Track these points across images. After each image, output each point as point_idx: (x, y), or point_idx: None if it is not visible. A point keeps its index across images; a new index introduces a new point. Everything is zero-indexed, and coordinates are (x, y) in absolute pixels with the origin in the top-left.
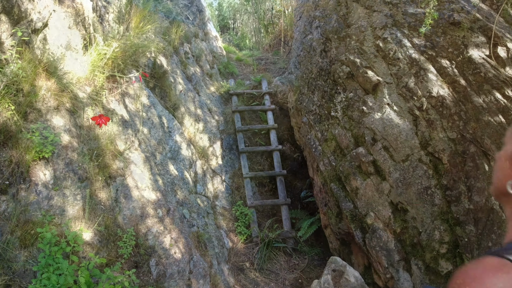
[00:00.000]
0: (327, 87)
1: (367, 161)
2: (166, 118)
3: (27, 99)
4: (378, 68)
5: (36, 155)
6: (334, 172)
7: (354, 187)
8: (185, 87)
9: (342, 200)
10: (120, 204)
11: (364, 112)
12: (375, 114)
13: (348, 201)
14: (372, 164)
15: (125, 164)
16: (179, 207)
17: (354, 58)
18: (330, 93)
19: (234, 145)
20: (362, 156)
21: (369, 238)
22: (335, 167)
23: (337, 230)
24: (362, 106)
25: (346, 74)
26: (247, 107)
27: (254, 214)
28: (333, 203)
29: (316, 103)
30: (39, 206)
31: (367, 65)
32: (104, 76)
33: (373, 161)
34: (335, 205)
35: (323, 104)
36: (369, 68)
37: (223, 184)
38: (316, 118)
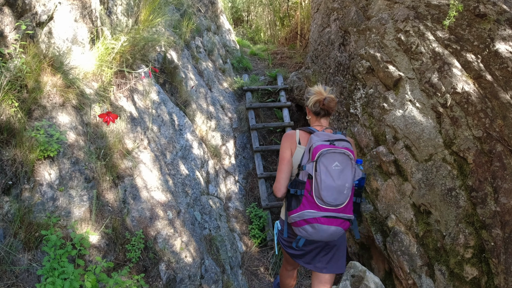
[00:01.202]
0: (346, 83)
1: (388, 161)
2: (176, 115)
3: (32, 96)
4: (399, 62)
5: (40, 154)
6: None
7: (374, 188)
8: (197, 82)
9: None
10: (129, 205)
11: (384, 109)
12: (396, 111)
13: (368, 203)
14: (393, 164)
15: (134, 163)
16: (190, 208)
17: (375, 52)
18: (349, 89)
19: (248, 144)
20: (382, 155)
21: (390, 242)
22: None
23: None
24: (382, 102)
25: (366, 69)
26: (262, 104)
27: (269, 216)
28: None
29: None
30: (43, 208)
31: (388, 60)
32: (112, 72)
33: (395, 161)
34: None
35: (341, 100)
36: (390, 62)
37: (236, 185)
38: (335, 115)
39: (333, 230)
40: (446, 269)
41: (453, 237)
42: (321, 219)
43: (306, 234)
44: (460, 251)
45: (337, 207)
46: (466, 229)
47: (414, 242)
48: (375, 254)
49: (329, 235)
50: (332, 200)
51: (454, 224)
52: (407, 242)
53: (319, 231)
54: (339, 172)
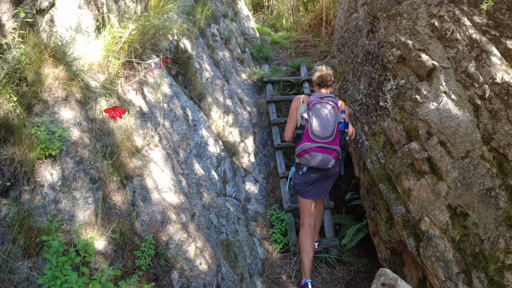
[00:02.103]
0: (375, 73)
1: (421, 158)
2: (190, 109)
3: (32, 89)
4: (433, 51)
5: (41, 153)
6: (383, 171)
7: (406, 188)
8: (213, 74)
9: (393, 203)
10: (138, 208)
11: (417, 101)
12: (430, 104)
13: (399, 204)
14: (426, 162)
15: (144, 162)
16: (205, 211)
17: (406, 39)
18: (378, 80)
19: (269, 140)
20: (415, 152)
21: (423, 247)
22: (385, 165)
23: (386, 237)
24: (415, 94)
25: (397, 58)
26: (284, 97)
27: (291, 220)
28: (382, 207)
29: (363, 91)
30: (45, 211)
31: (420, 48)
32: (119, 62)
33: (428, 158)
34: (384, 209)
35: (370, 92)
36: (423, 51)
37: (256, 185)
38: (363, 108)
39: (324, 156)
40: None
41: (492, 242)
42: (314, 149)
43: (306, 161)
44: (501, 256)
45: (326, 140)
46: (507, 233)
47: (450, 247)
48: (408, 261)
49: (321, 160)
50: (321, 134)
51: (494, 227)
52: (442, 247)
53: (314, 157)
54: (325, 115)
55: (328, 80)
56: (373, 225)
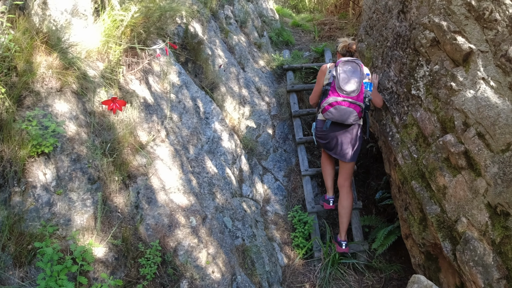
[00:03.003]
0: (406, 58)
1: (457, 152)
2: (202, 100)
3: (22, 80)
4: (470, 33)
5: (33, 150)
6: (415, 167)
7: (441, 185)
8: (226, 60)
9: (426, 202)
10: (142, 210)
11: (452, 89)
12: (466, 92)
13: (434, 204)
14: (463, 156)
15: (149, 160)
16: (219, 213)
17: (440, 20)
18: (410, 66)
19: (290, 134)
20: (450, 145)
21: (460, 250)
22: (417, 160)
23: (420, 240)
24: (450, 81)
25: (430, 41)
26: (306, 85)
27: (315, 222)
28: (415, 206)
29: (393, 78)
30: (37, 215)
31: (456, 29)
32: (121, 49)
33: (465, 152)
34: (417, 209)
35: (401, 79)
36: (459, 33)
37: (276, 184)
38: (393, 98)
39: (348, 110)
40: None
41: None
42: (340, 102)
43: (331, 115)
44: None
45: (351, 95)
46: None
47: (489, 251)
48: (444, 266)
49: (345, 113)
50: (347, 88)
51: None
52: (481, 251)
53: (339, 111)
54: (351, 71)
55: (353, 49)
56: (405, 227)
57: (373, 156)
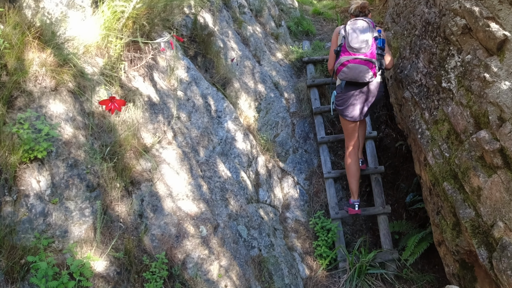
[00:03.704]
0: (436, 48)
1: (491, 150)
2: (213, 98)
3: (13, 79)
4: (504, 18)
5: (25, 156)
6: (447, 167)
7: (476, 186)
8: (240, 53)
9: (460, 205)
10: (147, 220)
11: (486, 81)
12: (501, 84)
13: (468, 207)
14: (499, 154)
15: (154, 164)
16: (232, 222)
17: (471, 5)
18: (440, 56)
19: (311, 133)
20: (485, 142)
21: (497, 258)
22: (449, 159)
23: (454, 247)
24: (483, 72)
25: (461, 28)
26: (328, 79)
27: (339, 229)
28: (447, 210)
29: (422, 70)
30: (31, 226)
31: (489, 15)
32: (122, 43)
33: (501, 150)
34: (450, 213)
35: (430, 71)
36: (492, 19)
37: (296, 188)
38: (422, 91)
39: (362, 67)
40: None
41: None
42: (352, 61)
43: (344, 75)
44: None
45: (362, 52)
46: None
47: None
48: (480, 275)
49: (360, 71)
50: (358, 46)
51: None
52: None
53: (352, 69)
54: (360, 29)
55: (366, 7)
56: (438, 233)
57: (402, 155)
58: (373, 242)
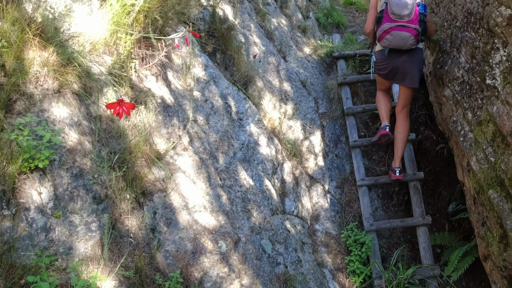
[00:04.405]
0: (479, 41)
1: None
2: (233, 98)
3: (11, 80)
4: None
5: (25, 165)
6: (493, 173)
7: None
8: (263, 49)
9: (507, 215)
10: (160, 235)
11: None
12: None
13: None
14: None
15: (168, 172)
16: (255, 235)
17: None
18: (483, 50)
19: (343, 136)
20: None
21: None
22: (495, 164)
23: (501, 263)
24: None
25: (507, 19)
26: (361, 76)
27: (375, 243)
28: (493, 221)
29: (464, 65)
30: (31, 242)
31: None
32: (132, 39)
33: None
34: (496, 224)
35: (473, 67)
36: None
37: (326, 197)
38: (464, 89)
39: (405, 35)
40: None
41: None
42: (394, 28)
43: (388, 42)
44: None
45: (405, 19)
46: None
47: None
48: None
49: (403, 38)
50: (400, 12)
51: None
52: None
53: (395, 36)
54: None
55: None
56: (483, 246)
57: (444, 160)
58: (412, 256)
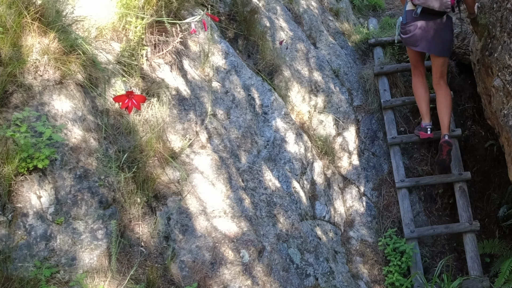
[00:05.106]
0: None
1: None
2: (257, 90)
3: (7, 70)
4: None
5: (23, 165)
6: None
7: None
8: (291, 34)
9: None
10: (175, 243)
11: None
12: None
13: None
14: None
15: (183, 173)
16: (282, 244)
17: None
18: None
19: (380, 132)
20: None
21: None
22: None
23: None
24: None
25: None
26: (400, 65)
27: (416, 251)
28: None
29: None
30: (30, 252)
31: None
32: (144, 24)
33: None
34: None
35: None
36: None
37: (361, 201)
38: None
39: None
40: None
41: None
42: None
43: (423, 0)
44: None
45: None
46: None
47: None
48: None
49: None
50: None
51: None
52: None
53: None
54: None
55: None
56: None
57: (494, 159)
58: (458, 267)
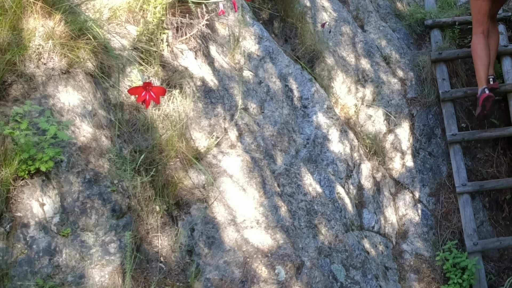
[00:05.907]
0: None
1: None
2: (296, 80)
3: (5, 57)
4: None
5: (23, 168)
6: None
7: None
8: (335, 15)
9: None
10: (199, 258)
11: None
12: None
13: None
14: None
15: (210, 177)
16: (324, 259)
17: None
18: None
19: (438, 128)
20: None
21: None
22: None
23: None
24: None
25: None
26: (461, 51)
27: (480, 267)
28: None
29: None
30: (31, 269)
31: None
32: (164, 4)
33: None
34: None
35: None
36: None
37: (416, 208)
38: None
39: None
40: None
41: None
42: None
43: None
44: None
45: None
46: None
47: None
48: None
49: None
50: None
51: None
52: None
53: None
54: None
55: None
56: None
57: None
58: None
